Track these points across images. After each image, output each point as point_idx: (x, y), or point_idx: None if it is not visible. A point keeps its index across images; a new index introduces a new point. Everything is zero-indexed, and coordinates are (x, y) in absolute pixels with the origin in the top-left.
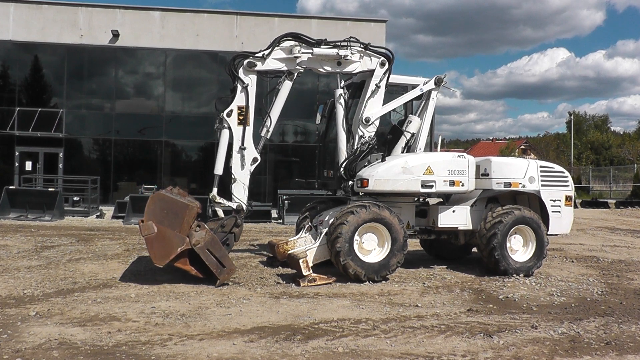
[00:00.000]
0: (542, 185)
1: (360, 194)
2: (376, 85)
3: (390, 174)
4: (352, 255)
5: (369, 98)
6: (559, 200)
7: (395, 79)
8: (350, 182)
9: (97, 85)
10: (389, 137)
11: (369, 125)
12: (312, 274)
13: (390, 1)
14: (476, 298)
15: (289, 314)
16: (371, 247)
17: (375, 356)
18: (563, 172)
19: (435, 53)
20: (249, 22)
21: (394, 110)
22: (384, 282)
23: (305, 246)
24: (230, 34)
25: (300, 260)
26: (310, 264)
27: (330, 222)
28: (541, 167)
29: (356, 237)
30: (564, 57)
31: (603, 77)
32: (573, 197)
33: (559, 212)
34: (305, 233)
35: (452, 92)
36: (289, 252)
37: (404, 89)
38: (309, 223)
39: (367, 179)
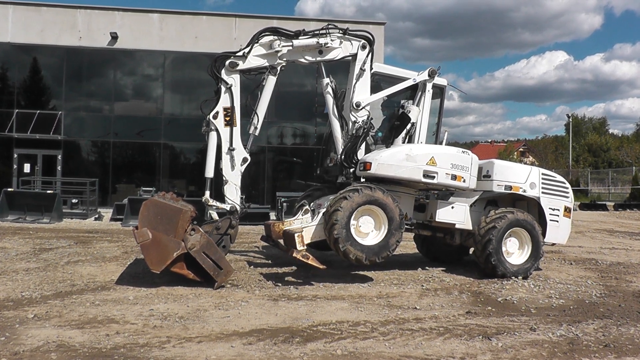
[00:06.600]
0: (543, 193)
1: (362, 179)
2: (360, 69)
3: (393, 159)
4: (350, 240)
5: (356, 83)
6: (558, 210)
7: (392, 70)
8: (352, 169)
9: (96, 87)
10: (396, 123)
11: (360, 109)
12: (307, 252)
13: (388, 5)
14: (475, 300)
15: (287, 316)
16: (369, 230)
17: (374, 358)
18: (564, 183)
19: (433, 56)
20: (247, 24)
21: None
22: (382, 284)
23: (302, 225)
24: (229, 36)
25: (296, 235)
26: (306, 242)
27: (325, 210)
28: (543, 174)
29: (352, 221)
30: (562, 60)
31: (601, 80)
32: (572, 210)
33: (557, 221)
34: (302, 215)
35: (461, 93)
36: (284, 229)
37: (400, 81)
38: (306, 206)
39: (370, 162)
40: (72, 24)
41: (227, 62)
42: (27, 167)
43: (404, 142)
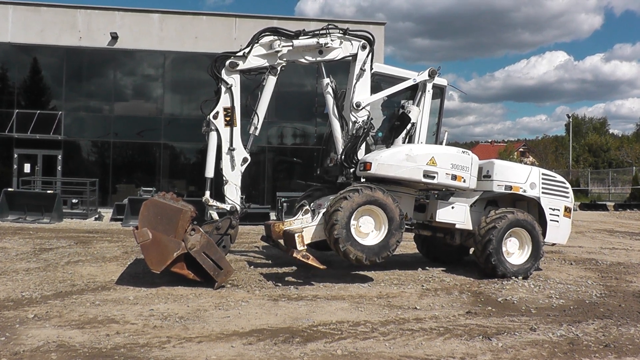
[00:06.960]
0: (543, 193)
1: (362, 179)
2: (361, 69)
3: (394, 159)
4: (350, 240)
5: (356, 83)
6: (558, 210)
7: (393, 70)
8: (352, 169)
9: (96, 87)
10: (396, 123)
11: (360, 110)
12: (307, 252)
13: (388, 5)
14: (475, 300)
15: (287, 316)
16: (369, 230)
17: (374, 358)
18: (564, 183)
19: (433, 56)
20: (247, 24)
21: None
22: (382, 284)
23: (302, 225)
24: (229, 36)
25: (296, 235)
26: (307, 242)
27: (325, 210)
28: (543, 174)
29: (352, 221)
30: (562, 60)
31: (601, 80)
32: (572, 210)
33: (557, 221)
34: (302, 215)
35: (461, 93)
36: (284, 229)
37: (401, 81)
38: (307, 206)
39: (371, 162)
40: (72, 24)
41: (227, 62)
42: (27, 167)
43: (404, 142)
